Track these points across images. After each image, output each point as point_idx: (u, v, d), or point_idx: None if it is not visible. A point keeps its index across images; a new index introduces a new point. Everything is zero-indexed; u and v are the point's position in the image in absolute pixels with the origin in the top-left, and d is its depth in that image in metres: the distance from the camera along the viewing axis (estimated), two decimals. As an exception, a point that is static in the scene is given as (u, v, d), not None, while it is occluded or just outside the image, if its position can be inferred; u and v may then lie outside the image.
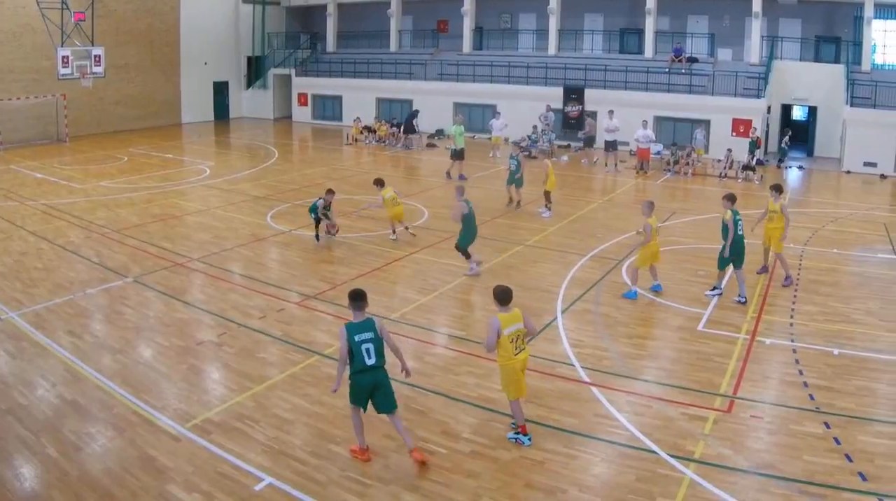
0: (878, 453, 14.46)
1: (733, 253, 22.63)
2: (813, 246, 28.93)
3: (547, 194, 34.07)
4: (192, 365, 18.15)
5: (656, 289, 23.65)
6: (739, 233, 22.63)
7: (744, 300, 22.54)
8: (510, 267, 26.08)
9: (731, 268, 23.01)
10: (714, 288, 23.29)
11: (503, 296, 14.71)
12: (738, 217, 22.63)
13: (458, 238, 24.99)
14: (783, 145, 50.29)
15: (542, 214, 33.83)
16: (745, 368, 18.21)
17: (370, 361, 13.56)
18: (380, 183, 28.52)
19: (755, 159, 46.58)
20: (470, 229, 24.74)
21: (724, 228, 22.55)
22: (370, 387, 13.68)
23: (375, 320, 14.01)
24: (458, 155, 42.88)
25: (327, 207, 27.63)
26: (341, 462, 13.87)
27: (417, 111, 58.55)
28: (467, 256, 24.85)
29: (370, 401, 13.84)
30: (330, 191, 28.25)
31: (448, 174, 42.94)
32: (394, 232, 28.98)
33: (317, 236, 28.10)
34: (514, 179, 35.21)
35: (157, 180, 41.33)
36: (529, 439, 14.82)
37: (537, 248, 28.44)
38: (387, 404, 13.92)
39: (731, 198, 22.91)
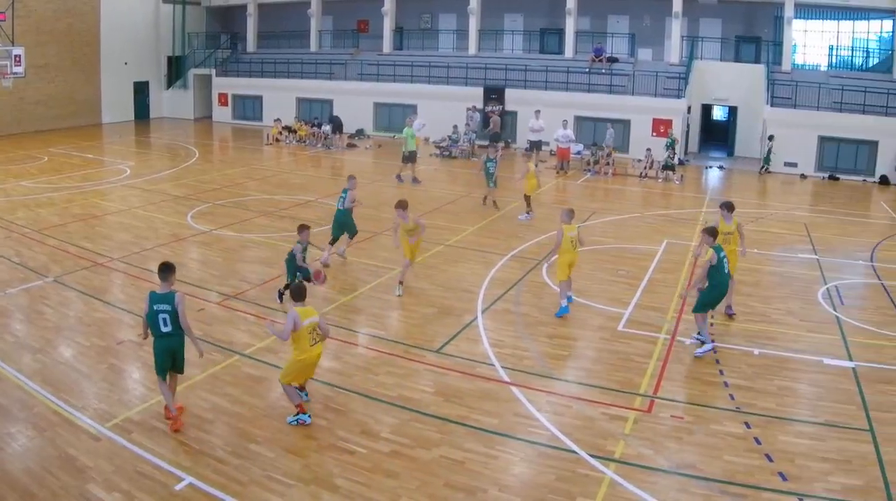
0: (799, 453, 14.66)
1: (718, 297, 19.86)
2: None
3: (527, 198, 34.08)
4: (112, 364, 17.93)
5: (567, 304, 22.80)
6: (726, 272, 19.56)
7: (710, 345, 19.49)
8: (430, 267, 26.02)
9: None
10: (699, 334, 19.75)
11: (298, 293, 15.47)
12: (722, 254, 19.37)
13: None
14: (769, 150, 50.32)
15: (520, 219, 33.57)
16: (665, 368, 18.39)
17: (166, 329, 14.77)
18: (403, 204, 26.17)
19: (676, 159, 47.00)
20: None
21: (712, 270, 19.16)
22: (167, 352, 14.91)
23: (177, 295, 14.88)
24: (409, 157, 42.56)
25: (305, 249, 22.21)
26: (262, 461, 13.80)
27: (339, 118, 58.58)
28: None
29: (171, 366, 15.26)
30: (303, 228, 22.17)
31: (399, 177, 42.53)
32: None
33: (280, 294, 22.46)
34: (492, 179, 35.27)
35: (77, 180, 40.66)
36: (309, 416, 15.37)
37: (458, 248, 28.44)
38: (177, 367, 15.31)
39: (711, 233, 19.58)
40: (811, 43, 60.62)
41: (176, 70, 74.71)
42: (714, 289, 19.42)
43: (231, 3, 74.60)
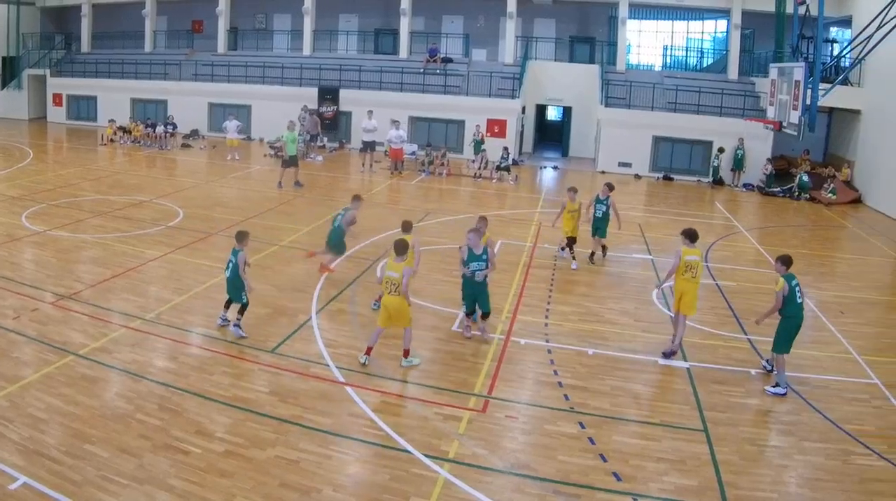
0: (633, 453, 15.06)
1: (794, 329, 18.47)
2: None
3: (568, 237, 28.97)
4: (-50, 365, 17.58)
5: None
6: (799, 302, 18.44)
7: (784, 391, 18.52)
8: (265, 267, 25.86)
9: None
10: (776, 377, 18.66)
11: (395, 247, 18.43)
12: (793, 283, 18.30)
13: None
14: (716, 163, 50.50)
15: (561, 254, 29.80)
16: (499, 368, 18.62)
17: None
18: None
19: (511, 159, 47.57)
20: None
21: (785, 300, 18.29)
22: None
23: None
24: (290, 162, 41.71)
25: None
26: (96, 461, 13.60)
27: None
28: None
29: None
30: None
31: (280, 183, 41.53)
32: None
33: None
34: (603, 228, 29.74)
35: None
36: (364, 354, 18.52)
37: (292, 248, 28.39)
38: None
39: (785, 262, 18.59)
40: (645, 43, 62.16)
41: (10, 70, 72.84)
42: (788, 321, 18.43)
43: (65, 4, 72.90)
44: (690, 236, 20.62)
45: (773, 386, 18.51)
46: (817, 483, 14.39)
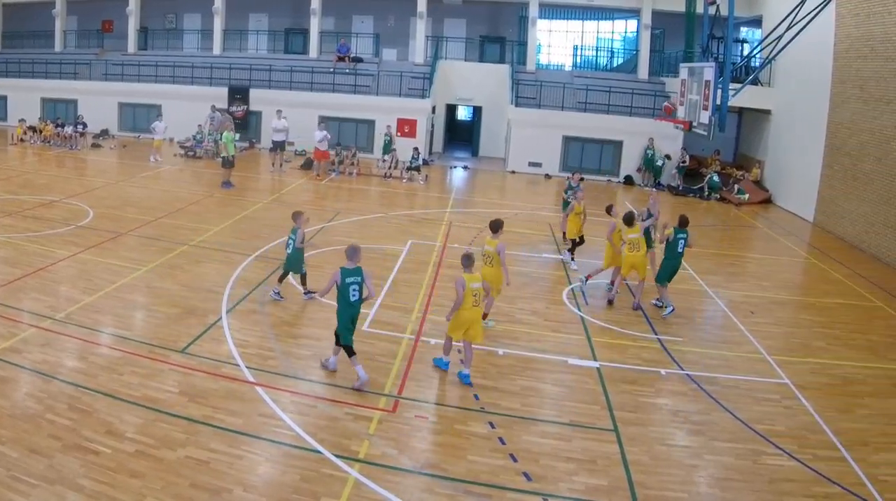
0: (543, 453, 15.19)
1: (666, 270, 24.49)
2: (478, 246, 29.69)
3: (571, 239, 29.86)
4: None
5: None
6: (678, 251, 24.38)
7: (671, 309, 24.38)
8: (174, 267, 25.75)
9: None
10: (665, 307, 24.58)
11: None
12: (678, 236, 24.29)
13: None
14: (666, 167, 50.70)
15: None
16: (409, 368, 18.72)
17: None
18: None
19: (420, 159, 47.61)
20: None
21: (667, 245, 24.45)
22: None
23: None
24: (228, 163, 41.53)
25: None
26: (6, 461, 13.44)
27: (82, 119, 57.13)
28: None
29: None
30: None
31: (228, 183, 41.40)
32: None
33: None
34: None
35: None
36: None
37: (202, 248, 28.18)
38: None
39: (680, 221, 24.48)
40: (556, 43, 62.54)
41: (-81, 72, 71.41)
42: (666, 262, 24.41)
43: (-26, 4, 71.70)
44: (627, 220, 24.40)
45: (665, 311, 24.26)
46: (727, 483, 14.63)
